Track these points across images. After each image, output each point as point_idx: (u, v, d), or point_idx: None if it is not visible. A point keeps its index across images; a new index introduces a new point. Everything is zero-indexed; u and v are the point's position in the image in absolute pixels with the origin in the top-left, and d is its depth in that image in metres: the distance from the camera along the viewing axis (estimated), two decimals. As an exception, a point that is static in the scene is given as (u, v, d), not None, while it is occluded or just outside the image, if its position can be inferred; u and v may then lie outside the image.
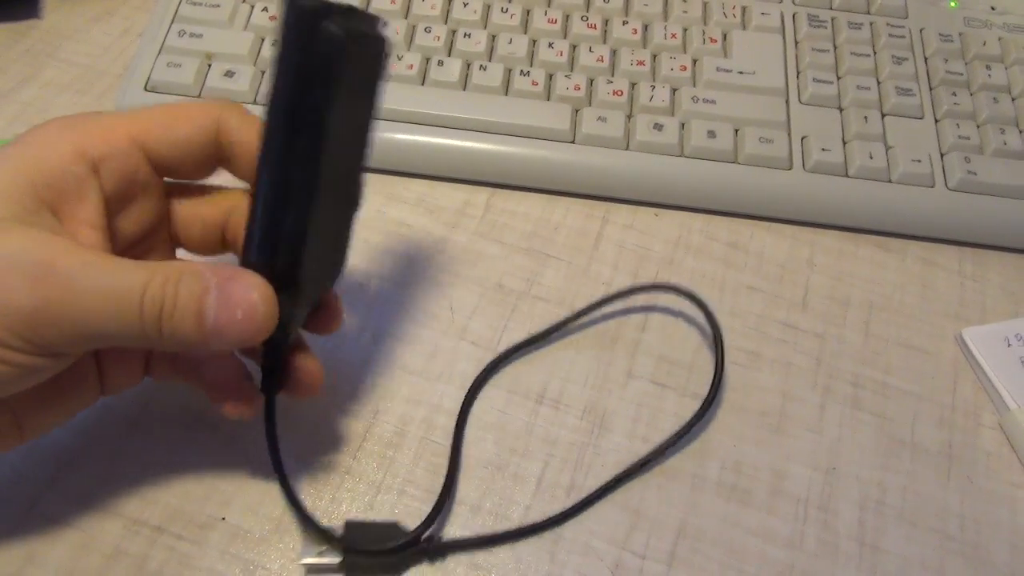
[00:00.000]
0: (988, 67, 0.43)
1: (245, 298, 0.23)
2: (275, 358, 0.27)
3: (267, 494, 0.31)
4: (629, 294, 0.36)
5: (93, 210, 0.24)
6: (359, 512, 0.31)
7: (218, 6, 0.42)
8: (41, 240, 0.22)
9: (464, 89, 0.40)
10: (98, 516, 0.30)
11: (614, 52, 0.42)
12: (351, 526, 0.30)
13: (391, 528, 0.30)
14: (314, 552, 0.28)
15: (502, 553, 0.30)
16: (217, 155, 0.27)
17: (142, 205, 0.26)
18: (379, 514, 0.31)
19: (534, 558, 0.30)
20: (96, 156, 0.24)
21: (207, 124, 0.26)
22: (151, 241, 0.28)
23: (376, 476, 0.32)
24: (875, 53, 0.43)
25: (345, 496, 0.31)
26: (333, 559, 0.28)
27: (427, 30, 0.42)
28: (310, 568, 0.29)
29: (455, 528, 0.31)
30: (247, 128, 0.26)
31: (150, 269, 0.22)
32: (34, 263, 0.21)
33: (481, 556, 0.30)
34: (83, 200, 0.24)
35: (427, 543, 0.29)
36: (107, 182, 0.24)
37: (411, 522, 0.30)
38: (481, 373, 0.34)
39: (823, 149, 0.40)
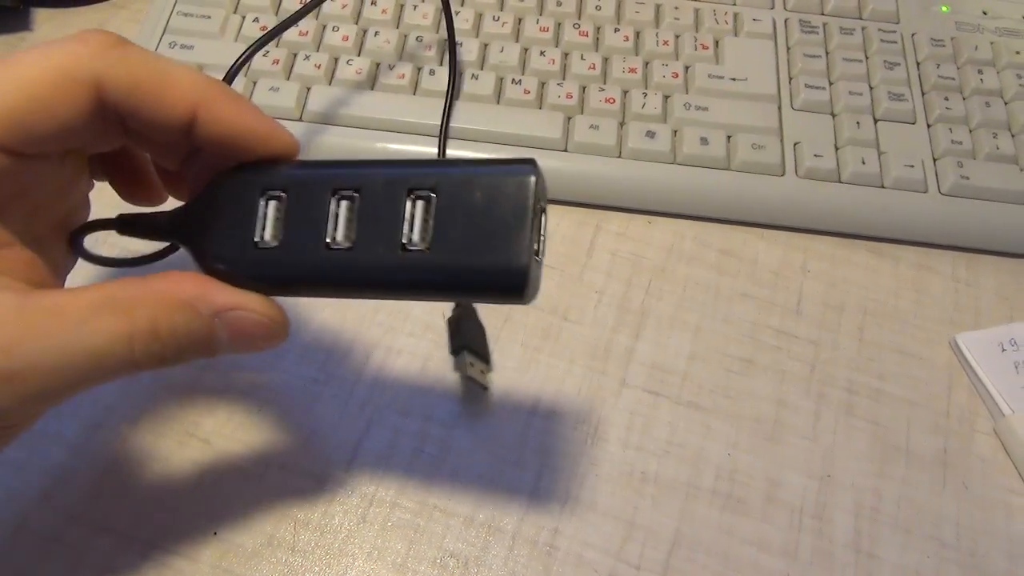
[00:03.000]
0: (980, 71, 0.43)
1: (262, 327, 0.21)
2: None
3: (259, 508, 0.31)
4: None
5: None
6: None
7: (209, 17, 0.42)
8: None
9: (456, 98, 0.40)
10: (89, 532, 0.30)
11: (606, 60, 0.42)
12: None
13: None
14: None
15: (494, 564, 0.30)
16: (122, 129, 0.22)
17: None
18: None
19: (528, 570, 0.30)
20: None
21: (87, 100, 0.20)
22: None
23: (368, 489, 0.31)
24: (867, 58, 0.43)
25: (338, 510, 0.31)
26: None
27: (419, 39, 0.42)
28: None
29: (449, 539, 0.31)
30: (233, 116, 0.22)
31: (121, 310, 0.20)
32: None
33: (474, 560, 0.30)
34: None
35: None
36: None
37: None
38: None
39: (816, 155, 0.39)
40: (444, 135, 0.39)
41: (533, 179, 0.20)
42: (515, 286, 0.20)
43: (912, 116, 0.41)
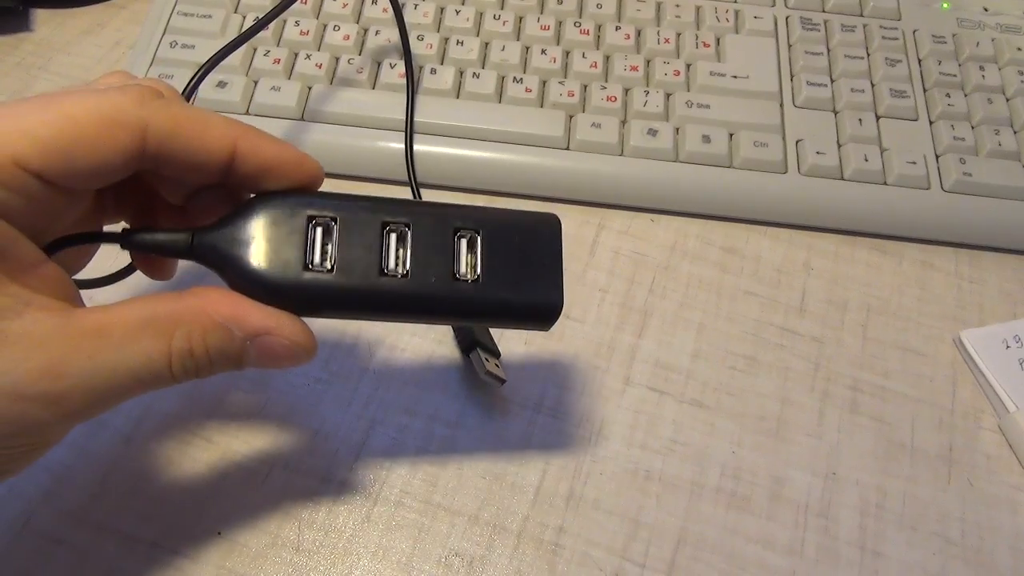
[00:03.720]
0: (982, 68, 0.43)
1: (289, 351, 0.22)
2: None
3: (263, 507, 0.30)
4: None
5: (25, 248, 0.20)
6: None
7: (209, 17, 0.42)
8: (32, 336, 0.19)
9: (457, 97, 0.40)
10: (92, 532, 0.29)
11: (607, 58, 0.42)
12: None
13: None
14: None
15: (499, 563, 0.30)
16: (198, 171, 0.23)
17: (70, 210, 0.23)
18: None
19: (533, 569, 0.30)
20: None
21: (130, 144, 0.21)
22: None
23: (372, 488, 0.31)
24: (869, 55, 0.43)
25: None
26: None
27: (420, 38, 0.42)
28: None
29: (454, 538, 0.30)
30: (268, 147, 0.23)
31: (160, 331, 0.21)
32: (35, 372, 0.19)
33: (478, 564, 0.30)
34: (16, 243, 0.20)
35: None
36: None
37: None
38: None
39: (818, 152, 0.39)
40: (410, 130, 0.39)
41: (561, 227, 0.25)
42: (549, 319, 0.25)
43: (914, 113, 0.41)
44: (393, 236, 0.23)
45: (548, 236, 0.25)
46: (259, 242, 0.22)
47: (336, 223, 0.23)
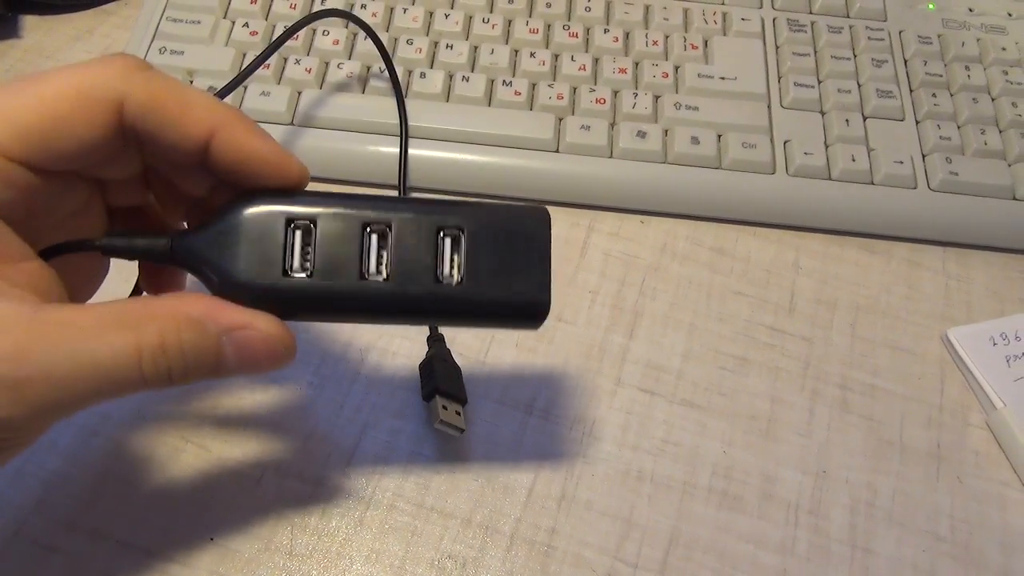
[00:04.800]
0: (967, 68, 0.43)
1: (267, 346, 0.22)
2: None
3: (256, 512, 0.30)
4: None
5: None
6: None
7: (199, 23, 0.42)
8: None
9: (447, 100, 0.40)
10: (85, 540, 0.29)
11: (596, 60, 0.42)
12: None
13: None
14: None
15: (492, 565, 0.30)
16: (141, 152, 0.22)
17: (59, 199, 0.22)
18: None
19: (526, 571, 0.30)
20: None
21: (107, 119, 0.20)
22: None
23: (365, 492, 0.31)
24: (855, 56, 0.44)
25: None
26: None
27: (409, 42, 0.42)
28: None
29: (447, 541, 0.31)
30: (249, 141, 0.22)
31: (130, 325, 0.20)
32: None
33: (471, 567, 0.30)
34: None
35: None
36: None
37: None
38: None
39: (806, 153, 0.40)
40: (404, 134, 0.39)
41: (550, 222, 0.24)
42: (537, 318, 0.24)
43: (901, 113, 0.42)
44: (374, 237, 0.22)
45: (536, 231, 0.24)
46: (238, 246, 0.22)
47: (316, 226, 0.22)
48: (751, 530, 0.32)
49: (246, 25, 0.42)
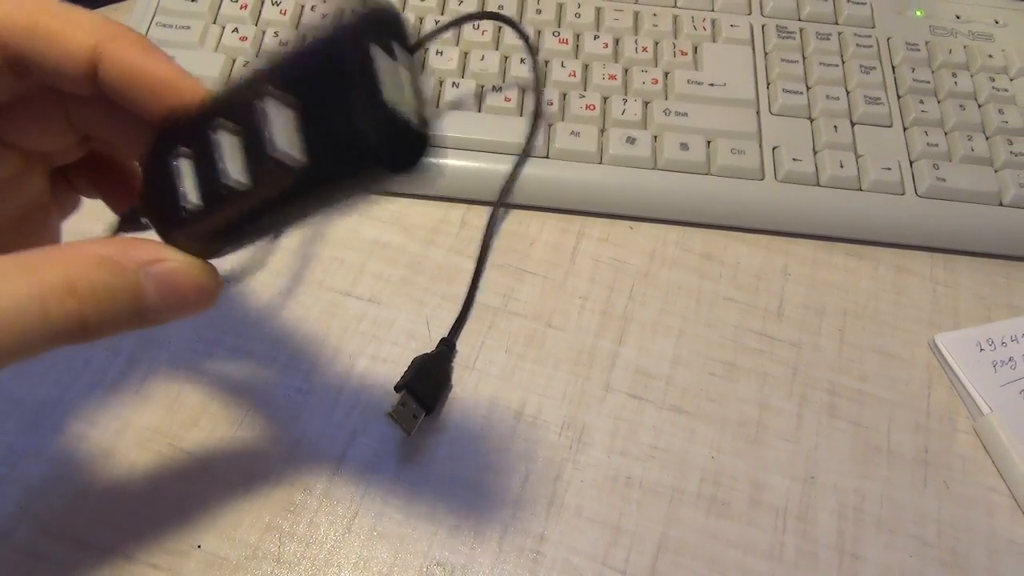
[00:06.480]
0: (954, 75, 0.43)
1: (191, 280, 0.20)
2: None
3: (243, 519, 0.30)
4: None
5: None
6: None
7: (188, 28, 0.42)
8: None
9: (437, 107, 0.40)
10: (70, 547, 0.29)
11: (586, 67, 0.42)
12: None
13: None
14: None
15: (480, 572, 0.30)
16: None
17: None
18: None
19: (514, 577, 0.30)
20: None
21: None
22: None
23: (354, 499, 0.31)
24: (843, 63, 0.44)
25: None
26: None
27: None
28: None
29: (435, 548, 0.31)
30: (136, 56, 0.20)
31: (31, 269, 0.18)
32: None
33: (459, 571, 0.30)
34: None
35: None
36: None
37: (390, 544, 0.29)
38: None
39: (794, 159, 0.40)
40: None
41: (401, 21, 0.19)
42: (373, 147, 0.17)
43: (888, 119, 0.42)
44: (231, 140, 0.19)
45: (343, 43, 0.18)
46: (155, 192, 0.20)
47: (191, 148, 0.20)
48: (739, 536, 0.32)
49: (236, 31, 0.42)
